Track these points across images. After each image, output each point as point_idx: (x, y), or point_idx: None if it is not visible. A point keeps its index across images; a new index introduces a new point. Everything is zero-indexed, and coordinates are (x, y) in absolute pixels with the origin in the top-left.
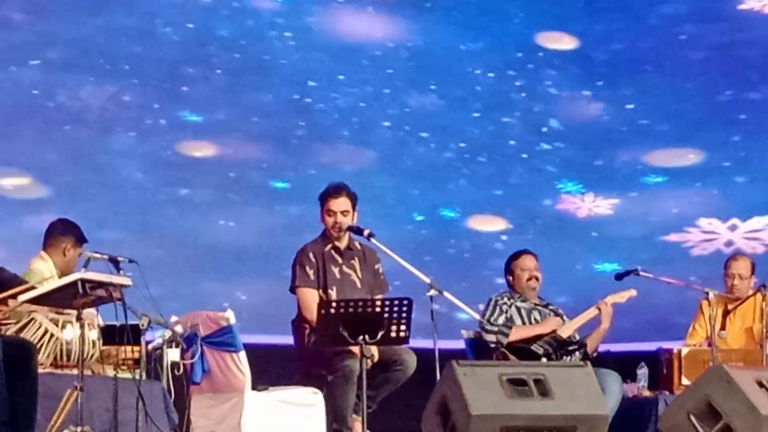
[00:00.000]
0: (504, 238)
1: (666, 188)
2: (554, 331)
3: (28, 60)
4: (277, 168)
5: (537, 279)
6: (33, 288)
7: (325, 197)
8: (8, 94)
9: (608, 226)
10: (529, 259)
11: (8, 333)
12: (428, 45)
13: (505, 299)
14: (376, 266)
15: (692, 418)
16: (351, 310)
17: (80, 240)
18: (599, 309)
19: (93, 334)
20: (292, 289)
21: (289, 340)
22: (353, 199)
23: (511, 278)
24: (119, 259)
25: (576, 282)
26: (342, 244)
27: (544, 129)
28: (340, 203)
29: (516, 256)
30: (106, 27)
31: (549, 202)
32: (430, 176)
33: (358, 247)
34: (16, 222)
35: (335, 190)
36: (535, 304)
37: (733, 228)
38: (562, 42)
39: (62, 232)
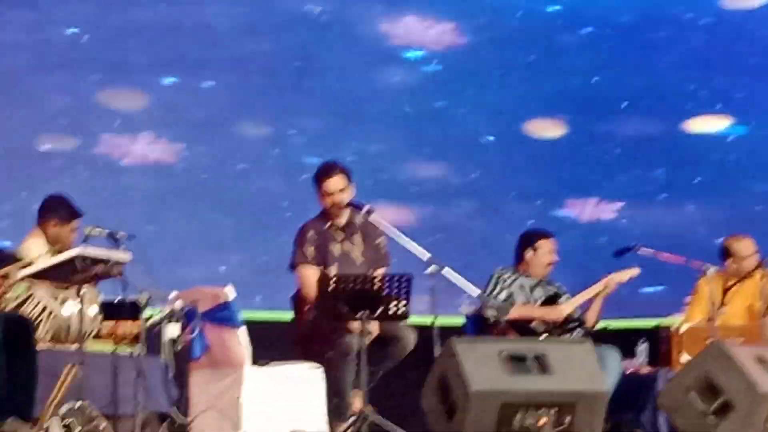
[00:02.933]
0: None
1: None
2: (554, 321)
3: None
4: None
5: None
6: (26, 265)
7: (319, 179)
8: None
9: None
10: (553, 242)
11: (7, 309)
12: None
13: (508, 274)
14: (377, 241)
15: (692, 394)
16: (350, 286)
17: (64, 218)
18: (606, 285)
19: (93, 310)
20: (292, 266)
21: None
22: (348, 175)
23: (532, 253)
24: (118, 234)
25: None
26: (342, 221)
27: None
28: (335, 182)
29: (545, 235)
30: None
31: None
32: None
33: (359, 222)
34: None
35: (329, 169)
36: (539, 281)
37: None
38: None
39: (48, 209)
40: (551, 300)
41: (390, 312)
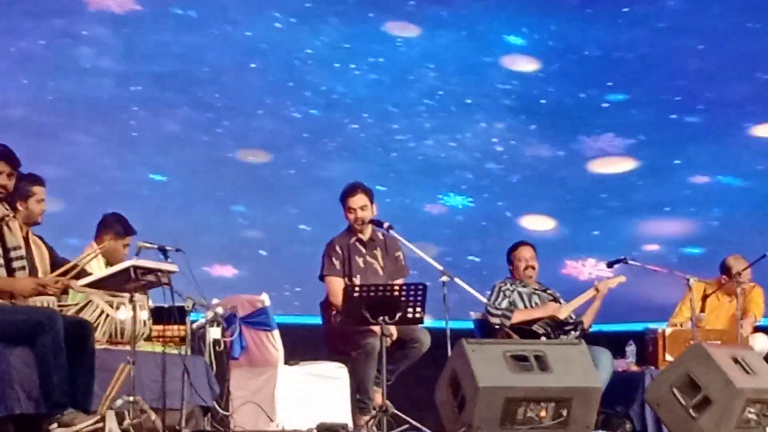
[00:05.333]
0: None
1: None
2: (552, 316)
3: None
4: None
5: (533, 268)
6: (75, 266)
7: (344, 197)
8: None
9: None
10: (525, 250)
11: (69, 314)
12: None
13: (508, 285)
14: (397, 254)
15: (675, 390)
16: (372, 294)
17: (119, 234)
18: (597, 290)
19: (144, 315)
20: (321, 277)
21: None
22: (369, 195)
23: (511, 267)
24: (167, 248)
25: None
26: (365, 236)
27: None
28: (358, 200)
29: (514, 247)
30: None
31: None
32: None
33: (381, 237)
34: None
35: (352, 189)
36: (535, 289)
37: None
38: None
39: (105, 226)
40: None
41: (407, 317)
